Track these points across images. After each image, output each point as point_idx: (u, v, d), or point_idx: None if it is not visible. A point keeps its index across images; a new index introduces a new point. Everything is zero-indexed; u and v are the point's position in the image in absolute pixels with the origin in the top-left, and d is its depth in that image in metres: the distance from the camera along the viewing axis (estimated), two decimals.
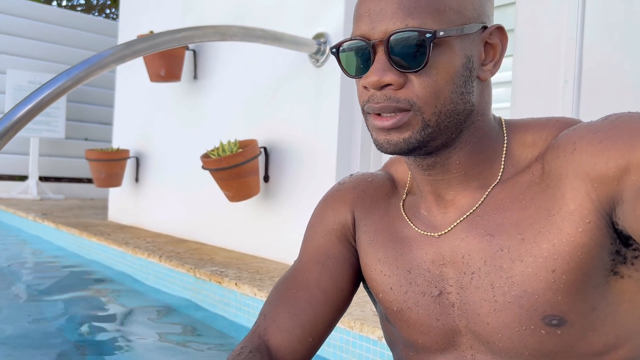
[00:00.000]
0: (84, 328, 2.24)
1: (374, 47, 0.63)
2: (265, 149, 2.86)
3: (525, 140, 0.70)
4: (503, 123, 0.73)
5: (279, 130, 2.85)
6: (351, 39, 0.66)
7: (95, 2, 13.08)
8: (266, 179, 2.87)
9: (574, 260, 0.62)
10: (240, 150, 2.63)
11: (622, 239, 0.62)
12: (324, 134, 2.58)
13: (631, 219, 0.59)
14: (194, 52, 3.48)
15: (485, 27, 0.67)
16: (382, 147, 0.67)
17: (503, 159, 0.70)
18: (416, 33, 0.61)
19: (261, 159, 2.85)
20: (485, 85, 0.69)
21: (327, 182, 2.50)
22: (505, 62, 2.19)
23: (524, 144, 0.70)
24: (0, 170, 6.83)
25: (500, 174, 0.69)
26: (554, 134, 0.68)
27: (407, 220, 0.75)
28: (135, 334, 2.21)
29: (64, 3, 12.76)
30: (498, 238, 0.66)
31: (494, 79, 2.28)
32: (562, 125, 0.69)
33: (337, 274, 0.80)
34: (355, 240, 0.81)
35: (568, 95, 1.91)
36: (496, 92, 2.32)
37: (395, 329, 0.78)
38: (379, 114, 0.65)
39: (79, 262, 3.47)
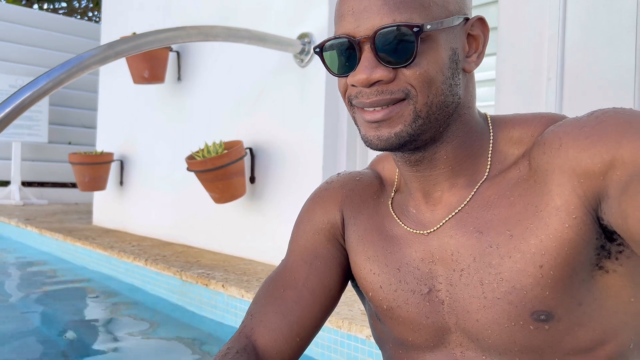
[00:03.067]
0: (70, 333, 2.21)
1: (359, 45, 0.63)
2: (251, 149, 2.85)
3: (511, 137, 0.70)
4: (489, 119, 0.73)
5: (264, 131, 2.84)
6: (335, 38, 0.65)
7: (77, 5, 12.95)
8: (252, 180, 2.85)
9: (561, 256, 0.62)
10: (226, 151, 2.61)
11: (607, 233, 0.62)
12: (310, 134, 2.57)
13: (616, 214, 0.59)
14: (178, 53, 3.46)
15: (467, 19, 0.67)
16: (371, 144, 0.66)
17: (490, 155, 0.70)
18: (404, 27, 0.61)
19: (247, 160, 2.83)
20: (469, 78, 0.70)
21: (313, 182, 2.49)
22: (489, 60, 2.20)
23: (511, 140, 0.70)
24: None
25: (487, 170, 0.70)
26: (540, 130, 0.68)
27: (396, 218, 0.75)
28: (121, 338, 2.18)
29: (45, 6, 12.61)
30: (487, 235, 0.66)
31: (477, 77, 2.29)
32: (548, 121, 0.69)
33: (325, 274, 0.80)
34: (344, 240, 0.81)
35: (551, 93, 1.93)
36: (480, 91, 2.33)
37: (385, 327, 0.77)
38: (365, 109, 0.65)
39: (64, 267, 3.43)
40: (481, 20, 0.69)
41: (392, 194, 0.79)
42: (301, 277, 0.80)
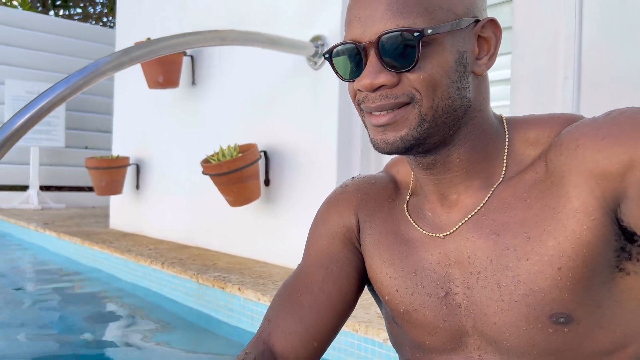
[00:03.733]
0: (87, 335, 2.23)
1: (365, 50, 0.64)
2: (265, 152, 2.86)
3: (527, 138, 0.70)
4: (504, 120, 0.72)
5: (278, 134, 2.85)
6: (343, 43, 0.67)
7: (92, 10, 13.10)
8: (267, 182, 2.86)
9: (580, 258, 0.61)
10: (240, 154, 2.62)
11: (627, 235, 0.62)
12: (324, 136, 2.57)
13: (636, 215, 0.59)
14: (192, 57, 3.48)
15: (477, 21, 0.67)
16: (378, 147, 0.67)
17: (505, 156, 0.69)
18: (404, 32, 0.61)
19: (261, 163, 2.84)
20: (481, 80, 0.69)
21: (328, 184, 2.49)
22: (504, 60, 2.18)
23: (527, 141, 0.70)
24: (1, 181, 6.82)
25: (503, 172, 0.69)
26: (557, 131, 0.68)
27: (412, 221, 0.75)
28: (137, 341, 2.20)
29: (60, 12, 12.78)
30: (504, 237, 0.66)
31: (492, 77, 2.27)
32: (564, 122, 0.68)
33: (341, 278, 0.80)
34: (359, 243, 0.81)
35: (568, 92, 1.90)
36: (495, 90, 2.31)
37: (402, 331, 0.77)
38: (371, 112, 0.66)
39: (82, 271, 3.47)
40: (493, 22, 0.68)
41: (408, 197, 0.78)
42: (317, 281, 0.80)
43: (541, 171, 0.66)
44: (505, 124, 0.72)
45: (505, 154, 0.70)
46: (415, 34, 0.61)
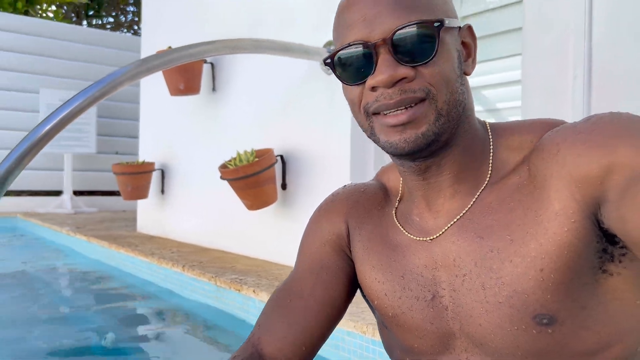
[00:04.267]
0: (110, 335, 2.31)
1: (375, 48, 0.64)
2: (282, 157, 2.90)
3: (511, 143, 0.71)
4: (488, 126, 0.74)
5: (294, 138, 2.89)
6: (349, 45, 0.66)
7: (123, 19, 13.46)
8: (284, 186, 2.91)
9: (561, 259, 0.63)
10: (257, 159, 2.67)
11: (608, 237, 0.63)
12: (338, 140, 2.60)
13: (615, 218, 0.60)
14: (212, 65, 3.56)
15: (459, 28, 0.70)
16: (397, 148, 0.66)
17: (490, 161, 0.71)
18: (423, 24, 0.63)
19: (278, 167, 2.89)
20: (468, 83, 0.71)
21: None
22: (515, 61, 2.17)
23: (510, 146, 0.71)
24: (37, 186, 7.09)
25: (488, 176, 0.70)
26: (539, 136, 0.69)
27: (400, 226, 0.76)
28: (159, 341, 2.27)
29: (94, 22, 13.17)
30: (488, 240, 0.67)
31: (504, 78, 2.26)
32: (547, 127, 0.69)
33: (331, 284, 0.81)
34: (350, 250, 0.82)
35: (578, 91, 1.88)
36: (506, 91, 2.30)
37: (392, 334, 0.78)
38: (387, 113, 0.65)
39: (110, 272, 3.58)
40: (470, 29, 0.72)
41: (397, 203, 0.80)
42: (308, 287, 0.81)
43: (524, 175, 0.67)
44: (489, 129, 0.74)
45: (490, 158, 0.71)
46: (436, 24, 0.63)
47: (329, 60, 0.69)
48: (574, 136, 0.63)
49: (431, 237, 0.72)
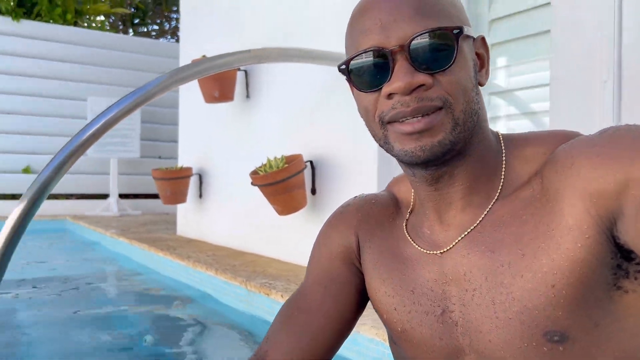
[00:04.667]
0: (149, 337, 2.40)
1: (392, 55, 0.63)
2: (311, 162, 2.94)
3: (524, 155, 0.70)
4: (501, 137, 0.73)
5: (324, 144, 2.92)
6: (364, 52, 0.65)
7: (167, 26, 13.84)
8: (313, 191, 2.94)
9: (574, 275, 0.61)
10: (286, 165, 2.72)
11: (624, 253, 0.61)
12: (366, 145, 2.62)
13: (633, 233, 0.58)
14: (246, 72, 3.63)
15: (473, 38, 0.70)
16: (413, 156, 0.65)
17: (503, 173, 0.70)
18: (442, 31, 0.62)
19: (308, 173, 2.93)
20: (481, 93, 0.71)
21: (370, 192, 2.53)
22: (543, 63, 2.13)
23: (523, 158, 0.70)
24: (85, 190, 7.40)
25: (499, 189, 0.69)
26: (553, 148, 0.67)
27: (410, 239, 0.75)
28: (192, 345, 2.34)
29: (139, 30, 13.61)
30: (499, 254, 0.66)
31: (532, 80, 2.22)
32: (561, 139, 0.68)
33: (340, 298, 0.80)
34: (360, 263, 0.81)
35: (607, 95, 1.83)
36: (534, 94, 2.26)
37: (401, 350, 0.78)
38: (405, 121, 0.64)
39: (149, 274, 3.71)
40: (484, 40, 0.71)
41: (407, 215, 0.79)
42: (316, 300, 0.81)
43: (537, 188, 0.66)
44: (502, 140, 0.73)
45: (503, 170, 0.70)
46: (455, 31, 0.62)
47: (343, 67, 0.68)
48: (589, 149, 0.62)
49: (441, 251, 0.71)
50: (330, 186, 2.88)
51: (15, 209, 1.73)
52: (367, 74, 0.65)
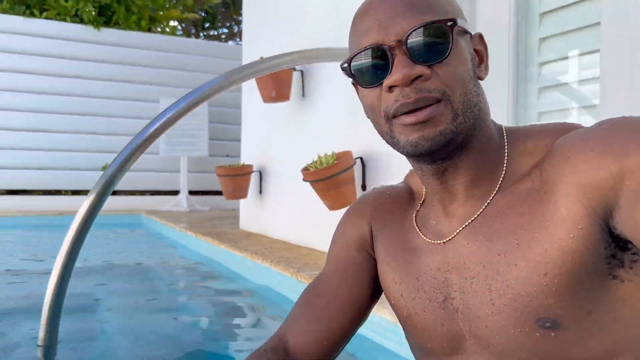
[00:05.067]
0: (204, 323, 2.57)
1: (391, 50, 0.66)
2: (362, 159, 3.01)
3: (526, 148, 0.72)
4: (504, 130, 0.75)
5: (373, 140, 2.97)
6: (365, 49, 0.68)
7: (236, 29, 14.32)
8: (364, 187, 3.01)
9: (566, 265, 0.63)
10: (336, 161, 2.80)
11: (620, 243, 0.63)
12: None
13: (629, 224, 0.59)
14: (302, 72, 3.75)
15: (471, 35, 0.73)
16: (417, 146, 0.68)
17: (505, 166, 0.72)
18: (437, 24, 0.65)
19: (359, 169, 3.00)
20: (481, 87, 0.73)
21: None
22: (593, 58, 2.08)
23: (525, 151, 0.72)
24: (158, 187, 7.86)
25: (501, 180, 0.72)
26: (554, 141, 0.69)
27: (418, 230, 0.79)
28: (249, 334, 2.48)
29: (210, 33, 14.17)
30: (496, 243, 0.69)
31: (581, 75, 2.17)
32: (562, 132, 0.70)
33: (355, 284, 0.85)
34: (374, 251, 0.86)
35: None
36: (584, 90, 2.21)
37: (409, 334, 0.82)
38: (408, 113, 0.67)
39: (213, 267, 3.92)
40: (481, 37, 0.74)
41: (419, 207, 0.83)
42: (333, 286, 0.86)
43: (537, 181, 0.68)
44: (504, 133, 0.75)
45: (505, 162, 0.72)
46: (449, 23, 0.65)
47: (345, 65, 0.71)
48: (584, 142, 0.64)
49: (444, 240, 0.74)
50: (380, 182, 2.93)
51: (84, 203, 1.92)
52: (369, 71, 0.69)
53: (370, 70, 0.68)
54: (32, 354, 1.91)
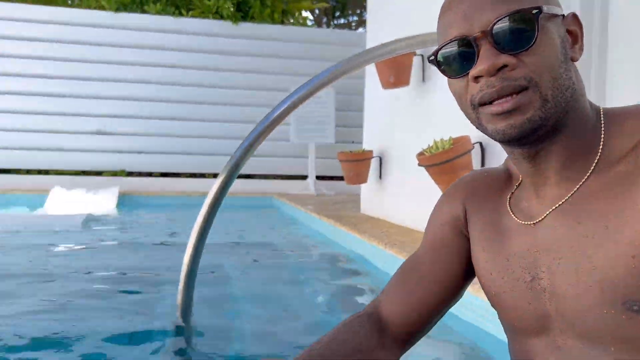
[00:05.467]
0: (320, 298, 2.74)
1: (476, 41, 0.67)
2: (481, 144, 2.95)
3: (623, 129, 0.70)
4: (601, 112, 0.74)
5: None
6: (451, 40, 0.69)
7: (365, 17, 14.43)
8: None
9: None
10: (452, 146, 2.79)
11: None
12: None
13: None
14: (422, 56, 3.74)
15: (563, 16, 0.72)
16: (505, 134, 0.68)
17: (600, 148, 0.71)
18: (522, 12, 0.66)
19: (477, 154, 2.94)
20: (576, 69, 0.72)
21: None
22: None
23: (623, 132, 0.70)
24: (288, 172, 8.30)
25: (595, 163, 0.71)
26: None
27: (510, 212, 0.80)
28: (360, 307, 2.60)
29: (341, 21, 14.46)
30: (584, 225, 0.69)
31: None
32: None
33: (448, 262, 0.88)
34: (468, 232, 0.87)
35: None
36: None
37: (500, 314, 0.83)
38: (493, 101, 0.68)
39: (334, 247, 4.11)
40: (575, 17, 0.73)
41: (514, 189, 0.83)
42: (427, 263, 0.89)
43: (632, 163, 0.67)
44: (602, 114, 0.74)
45: (601, 145, 0.71)
46: (534, 11, 0.65)
47: (432, 57, 0.73)
48: None
49: (534, 222, 0.75)
50: None
51: (214, 184, 2.15)
52: (455, 62, 0.70)
53: (456, 61, 0.70)
54: (172, 312, 2.20)
